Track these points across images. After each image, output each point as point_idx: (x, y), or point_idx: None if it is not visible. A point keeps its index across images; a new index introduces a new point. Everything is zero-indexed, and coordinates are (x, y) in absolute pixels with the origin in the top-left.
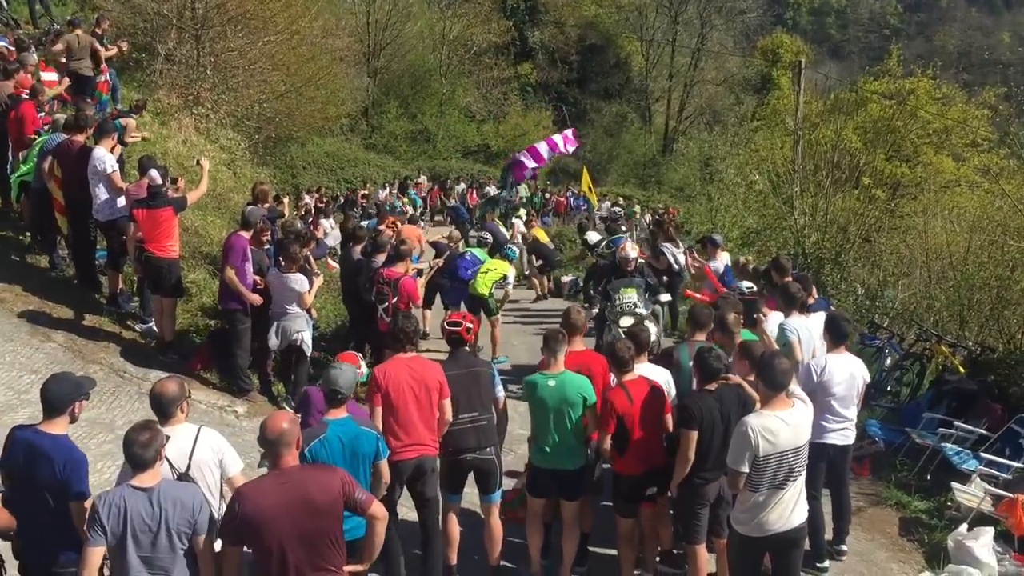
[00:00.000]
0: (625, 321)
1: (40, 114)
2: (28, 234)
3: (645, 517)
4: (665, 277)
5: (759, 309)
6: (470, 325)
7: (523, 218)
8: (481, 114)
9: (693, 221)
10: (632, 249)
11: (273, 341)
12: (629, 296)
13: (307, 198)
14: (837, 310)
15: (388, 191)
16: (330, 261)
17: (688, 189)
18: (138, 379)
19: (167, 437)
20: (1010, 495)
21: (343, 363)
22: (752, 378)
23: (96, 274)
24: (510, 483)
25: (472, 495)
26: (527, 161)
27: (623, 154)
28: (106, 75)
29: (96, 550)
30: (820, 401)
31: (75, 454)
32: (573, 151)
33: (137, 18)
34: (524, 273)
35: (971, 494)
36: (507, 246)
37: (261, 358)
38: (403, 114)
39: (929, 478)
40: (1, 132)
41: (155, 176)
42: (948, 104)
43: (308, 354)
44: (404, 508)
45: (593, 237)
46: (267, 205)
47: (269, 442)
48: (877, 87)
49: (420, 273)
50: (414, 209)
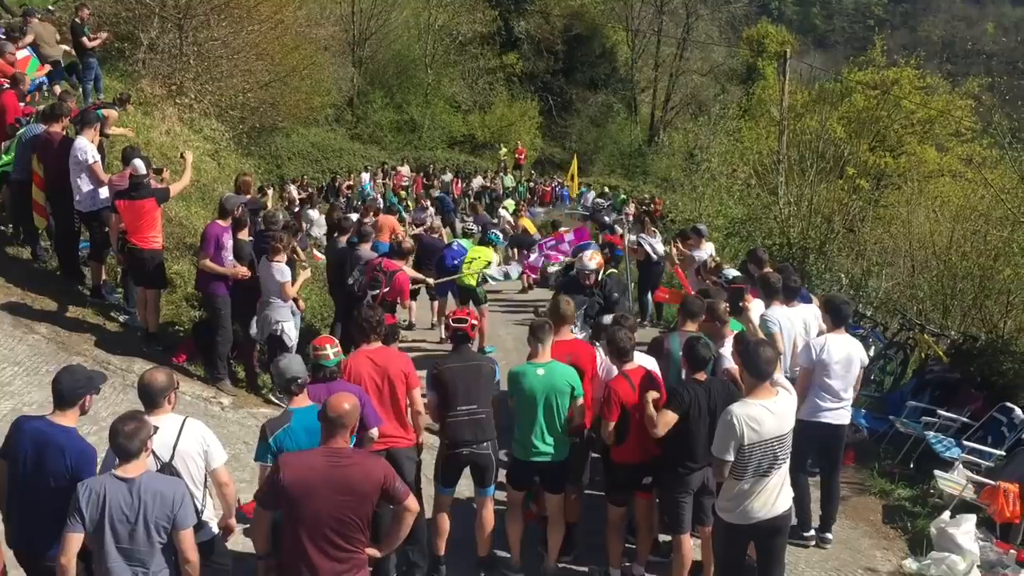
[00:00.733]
0: None
1: (21, 104)
2: (10, 225)
3: (640, 507)
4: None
5: (744, 297)
6: (475, 322)
7: (510, 209)
8: (467, 104)
9: (678, 211)
10: (591, 259)
11: (254, 331)
12: None
13: (292, 188)
14: (835, 293)
15: (371, 176)
16: (316, 252)
17: (673, 179)
18: (122, 370)
19: (155, 428)
20: (992, 482)
21: (292, 355)
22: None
23: (79, 266)
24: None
25: (466, 486)
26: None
27: (609, 144)
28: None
29: (74, 536)
30: (817, 380)
31: (86, 447)
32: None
33: (119, 7)
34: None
35: (954, 482)
36: (490, 231)
37: (247, 349)
38: (388, 104)
39: (912, 466)
40: None
41: (138, 166)
42: (932, 94)
43: (289, 346)
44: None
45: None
46: (248, 196)
47: (328, 419)
48: (861, 77)
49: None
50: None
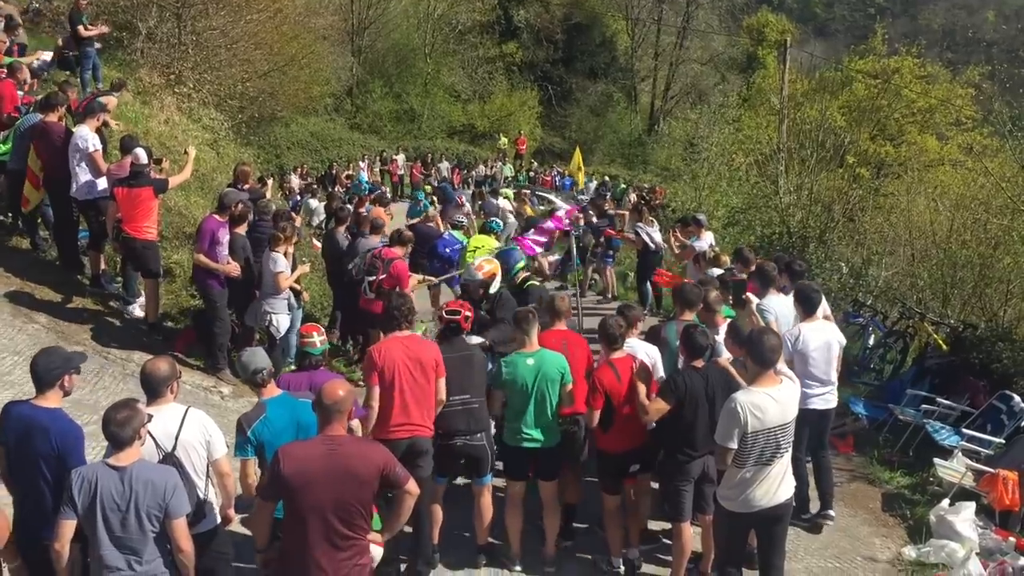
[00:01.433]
0: None
1: (19, 92)
2: (9, 215)
3: (628, 493)
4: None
5: (746, 289)
6: (468, 313)
7: (510, 197)
8: (466, 93)
9: (678, 200)
10: (479, 269)
11: (249, 320)
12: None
13: (294, 178)
14: (805, 282)
15: (367, 166)
16: (314, 241)
17: (673, 169)
18: (122, 360)
19: (150, 416)
20: (991, 470)
21: (255, 348)
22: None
23: (79, 255)
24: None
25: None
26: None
27: (609, 133)
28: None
29: (67, 523)
30: (799, 369)
31: (70, 426)
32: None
33: None
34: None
35: (953, 469)
36: (491, 219)
37: (246, 340)
38: (388, 94)
39: (911, 454)
40: None
41: (140, 155)
42: (932, 83)
43: (277, 338)
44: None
45: None
46: (247, 186)
47: (324, 407)
48: (862, 66)
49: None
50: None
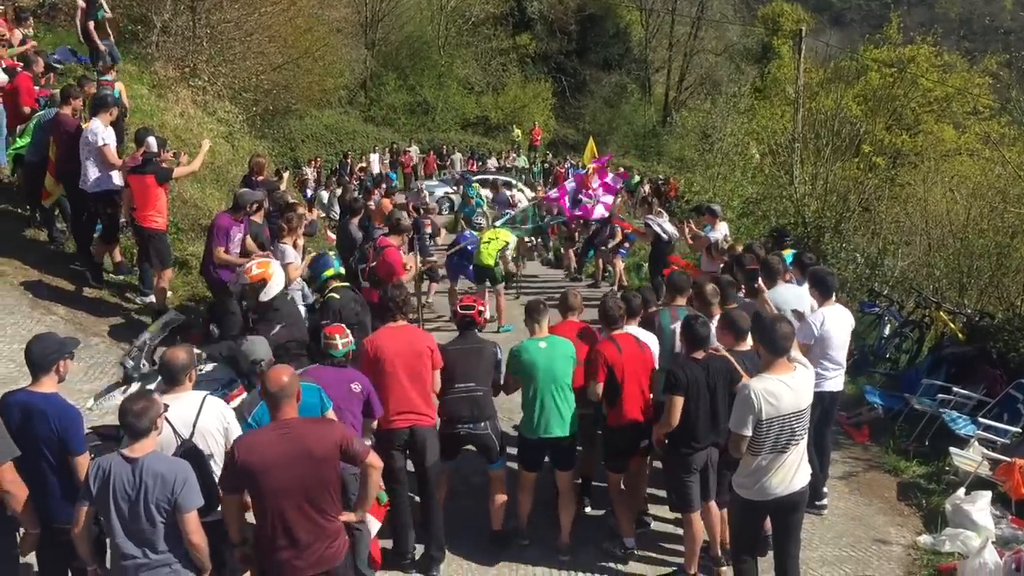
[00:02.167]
0: None
1: (36, 87)
2: (28, 208)
3: (629, 473)
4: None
5: (758, 278)
6: (482, 308)
7: (523, 190)
8: (480, 86)
9: (693, 191)
10: (246, 273)
11: None
12: None
13: (308, 170)
14: (819, 266)
15: (379, 158)
16: (329, 233)
17: (687, 160)
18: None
19: (166, 406)
20: (1008, 459)
21: (255, 337)
22: (739, 348)
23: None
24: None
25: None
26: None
27: (623, 125)
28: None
29: (83, 508)
30: (819, 353)
31: (68, 410)
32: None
33: None
34: (527, 245)
35: (969, 458)
36: (504, 211)
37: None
38: (402, 86)
39: (927, 443)
40: None
41: (151, 143)
42: (949, 72)
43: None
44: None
45: None
46: (261, 177)
47: (270, 394)
48: (877, 55)
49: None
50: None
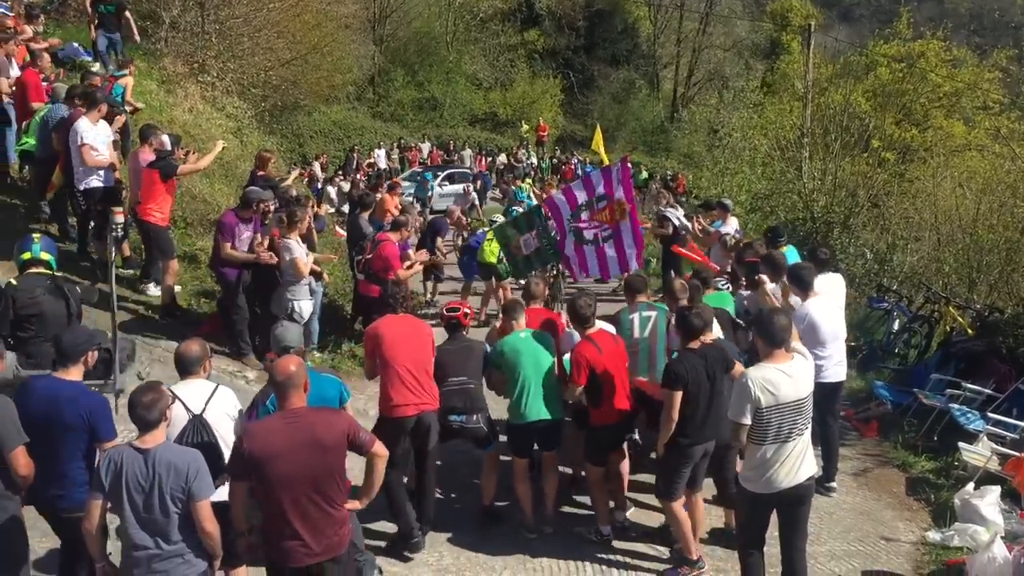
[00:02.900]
0: None
1: (44, 83)
2: (42, 204)
3: (611, 461)
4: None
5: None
6: (468, 310)
7: (532, 185)
8: (488, 82)
9: (701, 187)
10: None
11: (275, 308)
12: None
13: (316, 166)
14: (797, 262)
15: (386, 154)
16: (338, 228)
17: (695, 156)
18: (149, 345)
19: (174, 397)
20: (1017, 454)
21: (289, 324)
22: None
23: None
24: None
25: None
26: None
27: (631, 121)
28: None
29: (96, 502)
30: (810, 346)
31: (96, 397)
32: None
33: None
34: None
35: (978, 453)
36: (511, 208)
37: (267, 326)
38: (410, 82)
39: (936, 438)
40: None
41: (164, 140)
42: (959, 67)
43: (300, 323)
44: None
45: None
46: (262, 172)
47: (278, 384)
48: (887, 50)
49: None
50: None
